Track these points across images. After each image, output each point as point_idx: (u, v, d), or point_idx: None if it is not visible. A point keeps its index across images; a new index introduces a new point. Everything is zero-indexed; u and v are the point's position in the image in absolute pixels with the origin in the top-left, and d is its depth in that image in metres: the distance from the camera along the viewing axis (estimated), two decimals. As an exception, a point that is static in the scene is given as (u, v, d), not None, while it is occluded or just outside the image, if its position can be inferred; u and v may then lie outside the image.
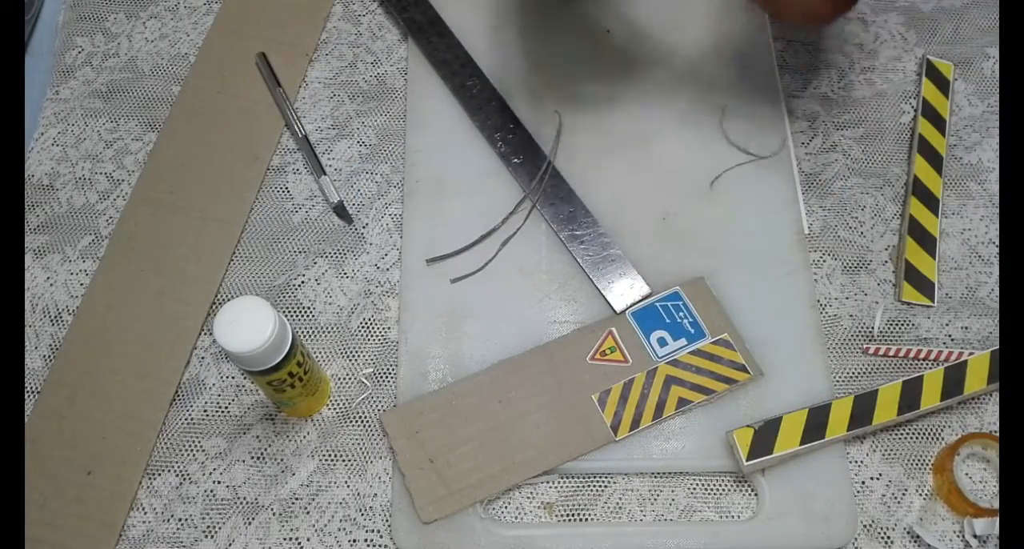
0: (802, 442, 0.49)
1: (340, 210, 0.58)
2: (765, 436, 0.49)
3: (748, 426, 0.49)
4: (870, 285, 0.56)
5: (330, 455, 0.51)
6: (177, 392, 0.53)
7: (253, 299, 0.41)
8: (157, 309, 0.55)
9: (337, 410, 0.53)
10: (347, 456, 0.51)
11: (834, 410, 0.50)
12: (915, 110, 0.61)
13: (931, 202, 0.57)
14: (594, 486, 0.50)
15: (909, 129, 0.61)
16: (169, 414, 0.53)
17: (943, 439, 0.52)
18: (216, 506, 0.50)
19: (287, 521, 0.50)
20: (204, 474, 0.51)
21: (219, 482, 0.51)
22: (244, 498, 0.50)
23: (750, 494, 0.50)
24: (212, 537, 0.49)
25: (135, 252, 0.57)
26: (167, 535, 0.49)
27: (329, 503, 0.50)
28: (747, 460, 0.48)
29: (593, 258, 0.56)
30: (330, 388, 0.53)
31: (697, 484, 0.50)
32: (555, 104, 0.61)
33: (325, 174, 0.59)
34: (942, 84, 0.62)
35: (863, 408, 0.50)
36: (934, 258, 0.56)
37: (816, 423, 0.49)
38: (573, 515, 0.50)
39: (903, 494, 0.50)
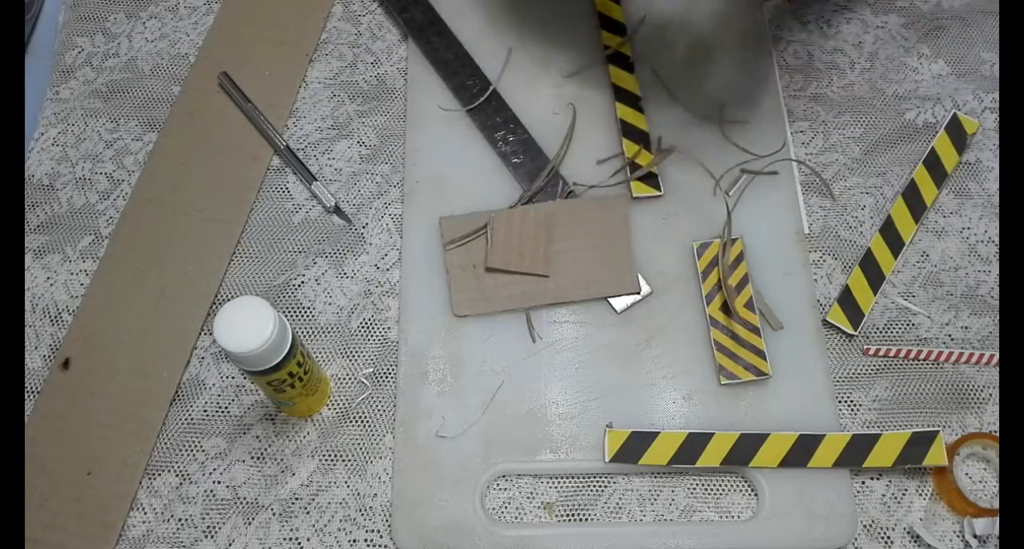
0: (669, 462, 0.49)
1: (338, 212, 0.58)
2: (636, 444, 0.49)
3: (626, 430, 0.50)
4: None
5: (330, 455, 0.51)
6: (177, 392, 0.53)
7: (253, 299, 0.41)
8: (157, 309, 0.55)
9: (337, 410, 0.53)
10: (347, 456, 0.51)
11: (713, 441, 0.49)
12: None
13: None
14: (594, 486, 0.50)
15: (910, 129, 0.61)
16: (169, 414, 0.53)
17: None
18: (216, 506, 0.50)
19: (287, 521, 0.50)
20: (204, 474, 0.51)
21: (219, 482, 0.51)
22: (244, 498, 0.50)
23: (750, 494, 0.50)
24: (212, 537, 0.49)
25: (135, 252, 0.57)
26: (167, 535, 0.49)
27: (329, 503, 0.50)
28: (609, 460, 0.49)
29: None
30: (330, 388, 0.53)
31: (697, 484, 0.50)
32: (555, 103, 0.61)
33: (316, 180, 0.59)
34: (959, 140, 0.59)
35: (745, 447, 0.49)
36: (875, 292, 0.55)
37: (691, 448, 0.49)
38: (573, 515, 0.50)
39: (903, 494, 0.50)
